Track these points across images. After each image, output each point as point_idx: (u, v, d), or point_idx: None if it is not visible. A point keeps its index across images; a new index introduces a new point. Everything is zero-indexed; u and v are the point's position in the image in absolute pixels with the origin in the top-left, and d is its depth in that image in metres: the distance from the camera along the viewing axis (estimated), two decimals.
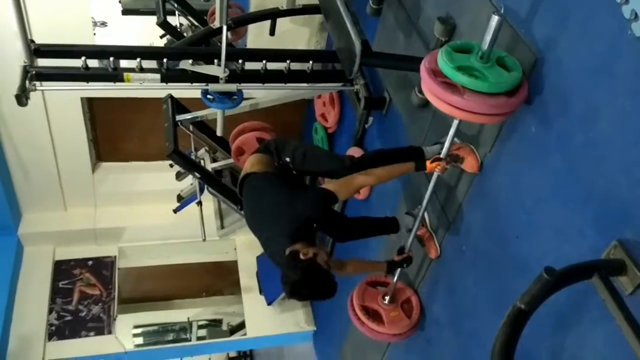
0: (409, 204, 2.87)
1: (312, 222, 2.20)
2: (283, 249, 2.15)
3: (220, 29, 2.78)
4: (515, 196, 2.06)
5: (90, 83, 2.82)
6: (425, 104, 2.63)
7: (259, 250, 3.53)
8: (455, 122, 2.02)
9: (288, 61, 3.00)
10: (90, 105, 4.59)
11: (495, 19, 1.69)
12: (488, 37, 1.74)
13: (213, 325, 6.59)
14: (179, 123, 3.41)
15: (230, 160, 3.85)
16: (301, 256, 2.09)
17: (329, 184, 2.24)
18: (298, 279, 2.07)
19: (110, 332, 4.79)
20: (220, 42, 2.77)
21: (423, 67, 1.85)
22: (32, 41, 2.71)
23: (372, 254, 3.28)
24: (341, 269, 2.50)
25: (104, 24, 4.78)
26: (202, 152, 3.94)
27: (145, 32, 4.62)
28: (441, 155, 2.19)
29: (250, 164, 2.45)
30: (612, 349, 1.60)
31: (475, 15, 2.18)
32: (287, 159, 2.43)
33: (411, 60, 2.58)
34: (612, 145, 1.58)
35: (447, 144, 2.14)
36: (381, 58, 2.70)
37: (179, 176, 3.98)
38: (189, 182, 4.01)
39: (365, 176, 2.29)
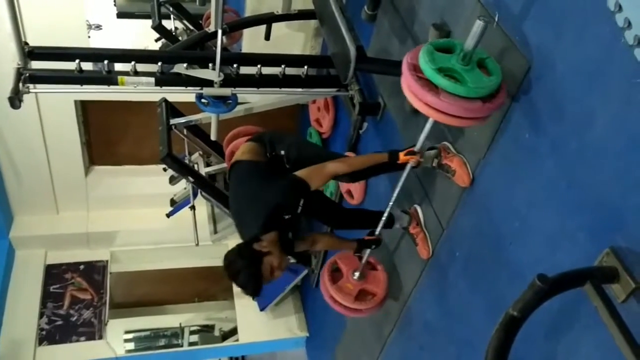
0: (402, 207, 2.86)
1: (283, 210, 2.15)
2: (252, 236, 2.12)
3: (215, 33, 2.77)
4: (508, 203, 2.06)
5: (84, 86, 2.81)
6: None
7: None
8: (431, 120, 2.04)
9: (283, 66, 3.00)
10: (84, 108, 4.58)
11: (479, 24, 1.71)
12: (472, 42, 1.75)
13: (205, 331, 6.56)
14: (173, 127, 3.40)
15: (224, 165, 3.84)
16: (255, 245, 2.07)
17: (300, 172, 2.20)
18: (232, 258, 2.08)
19: (101, 337, 4.76)
20: (215, 46, 2.77)
21: (405, 61, 1.86)
22: (26, 43, 2.70)
23: None
24: (313, 244, 2.52)
25: (98, 26, 4.77)
26: (195, 156, 3.93)
27: (140, 35, 4.61)
28: (416, 149, 2.19)
29: (240, 151, 2.42)
30: (604, 356, 1.60)
31: (470, 22, 2.16)
32: (282, 152, 2.40)
33: None
34: (606, 151, 1.59)
35: (421, 138, 2.15)
36: (376, 64, 2.71)
37: (172, 180, 3.97)
38: (183, 186, 4.00)
39: (337, 163, 2.27)
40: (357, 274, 2.80)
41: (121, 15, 4.90)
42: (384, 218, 2.49)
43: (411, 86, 1.82)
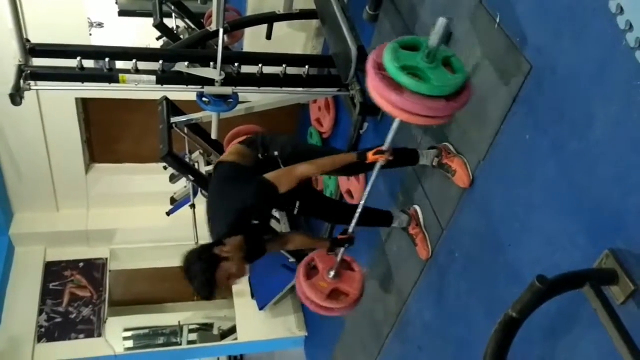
0: (402, 207, 2.87)
1: (250, 214, 2.12)
2: (216, 239, 2.10)
3: (216, 32, 2.77)
4: (508, 204, 2.06)
5: (86, 84, 2.81)
6: None
7: None
8: (398, 119, 1.96)
9: (284, 65, 3.00)
10: (85, 106, 4.58)
11: (442, 21, 1.67)
12: (435, 39, 1.70)
13: (204, 330, 6.56)
14: (174, 125, 3.40)
15: None
16: (216, 249, 2.03)
17: (269, 174, 2.17)
18: (192, 260, 2.03)
19: (100, 335, 4.76)
20: (217, 45, 2.77)
21: (370, 60, 1.81)
22: (28, 40, 2.70)
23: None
24: (285, 245, 2.49)
25: (100, 24, 4.76)
26: (196, 154, 3.93)
27: (141, 33, 4.61)
28: (384, 148, 2.12)
29: (227, 152, 2.41)
30: (603, 358, 1.60)
31: (472, 23, 2.19)
32: (276, 153, 2.37)
33: None
34: (606, 153, 1.59)
35: (389, 137, 2.09)
36: None
37: (172, 179, 3.97)
38: (183, 184, 3.99)
39: (307, 165, 2.23)
40: (332, 272, 2.73)
41: (123, 13, 4.88)
42: (357, 215, 2.41)
43: (375, 85, 1.77)
